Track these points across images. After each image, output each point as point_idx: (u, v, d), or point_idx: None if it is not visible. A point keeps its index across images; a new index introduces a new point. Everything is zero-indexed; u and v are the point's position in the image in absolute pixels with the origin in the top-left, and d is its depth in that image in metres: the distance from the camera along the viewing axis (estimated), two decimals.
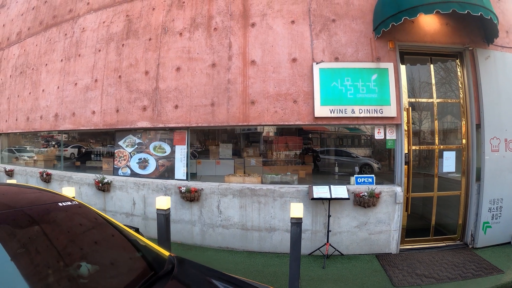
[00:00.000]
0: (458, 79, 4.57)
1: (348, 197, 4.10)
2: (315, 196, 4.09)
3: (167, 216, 3.12)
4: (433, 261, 3.98)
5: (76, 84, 5.80)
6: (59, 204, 1.95)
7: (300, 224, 2.94)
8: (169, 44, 4.98)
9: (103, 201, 5.38)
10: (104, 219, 2.13)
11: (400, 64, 4.37)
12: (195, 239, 4.69)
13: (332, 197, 4.06)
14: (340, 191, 4.16)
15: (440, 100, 4.63)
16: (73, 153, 8.39)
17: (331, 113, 4.24)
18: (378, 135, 4.46)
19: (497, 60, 4.30)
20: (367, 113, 4.23)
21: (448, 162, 4.41)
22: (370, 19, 4.35)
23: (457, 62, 4.58)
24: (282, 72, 4.41)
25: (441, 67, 4.87)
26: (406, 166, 4.38)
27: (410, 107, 4.48)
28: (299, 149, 7.19)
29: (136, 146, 5.39)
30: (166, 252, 2.09)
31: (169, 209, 3.17)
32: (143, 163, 5.29)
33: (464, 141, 4.49)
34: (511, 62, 4.36)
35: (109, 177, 5.33)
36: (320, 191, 4.16)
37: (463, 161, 4.48)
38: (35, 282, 1.38)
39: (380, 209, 4.25)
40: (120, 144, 5.50)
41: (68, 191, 3.76)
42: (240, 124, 4.53)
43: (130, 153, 5.42)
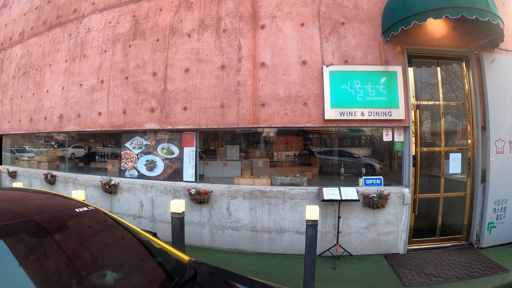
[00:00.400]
0: (464, 82, 4.66)
1: (358, 199, 4.17)
2: (326, 198, 4.14)
3: (182, 220, 3.13)
4: (440, 261, 4.06)
5: (82, 85, 5.76)
6: (76, 210, 1.93)
7: (316, 226, 2.99)
8: (177, 45, 4.97)
9: (110, 203, 5.36)
10: (121, 225, 2.11)
11: (408, 67, 4.45)
12: (204, 241, 4.70)
13: (343, 199, 4.12)
14: (350, 193, 4.21)
15: (446, 103, 4.72)
16: (74, 153, 8.30)
17: (341, 116, 4.29)
18: (387, 137, 4.52)
19: (502, 64, 4.40)
20: (376, 116, 4.29)
21: (454, 164, 4.50)
22: (379, 23, 4.40)
23: (463, 66, 4.67)
24: (292, 75, 4.44)
25: (447, 70, 4.96)
26: (414, 168, 4.45)
27: (418, 110, 4.56)
28: (300, 149, 7.17)
29: (143, 148, 5.38)
30: (186, 257, 2.09)
31: (184, 213, 3.18)
32: (151, 165, 5.28)
33: (470, 143, 4.59)
34: None
35: (116, 179, 5.31)
36: (330, 193, 4.21)
37: (469, 163, 4.57)
38: None
39: (389, 210, 4.32)
40: (127, 146, 5.48)
41: (78, 194, 3.74)
42: (250, 126, 4.56)
43: (137, 155, 5.40)
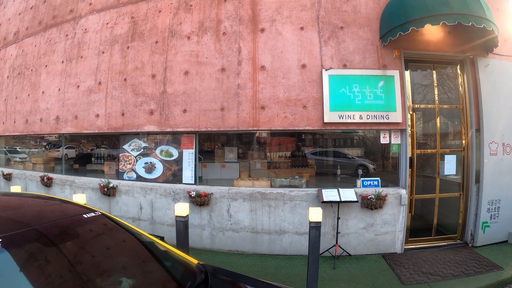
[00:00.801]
0: (459, 86, 4.79)
1: (357, 200, 4.25)
2: (325, 200, 4.20)
3: (186, 223, 3.16)
4: (437, 260, 4.17)
5: (79, 87, 5.71)
6: (84, 216, 1.93)
7: (319, 228, 3.05)
8: (177, 48, 4.97)
9: (108, 206, 5.34)
10: (129, 230, 2.12)
11: (405, 71, 4.54)
12: (204, 243, 4.73)
13: (342, 200, 4.19)
14: (349, 194, 4.29)
15: (442, 106, 4.84)
16: (66, 154, 8.20)
17: (340, 119, 4.36)
18: (384, 140, 4.61)
19: (496, 68, 4.54)
20: (374, 119, 4.37)
21: (449, 165, 4.62)
22: (377, 27, 4.48)
23: (458, 70, 4.80)
24: (292, 78, 4.49)
25: (443, 74, 5.08)
26: (410, 169, 4.56)
27: (414, 113, 4.66)
28: (295, 150, 7.16)
29: (142, 150, 5.36)
30: (194, 260, 2.12)
31: (188, 216, 3.21)
32: (150, 167, 5.28)
33: (464, 145, 4.72)
34: (509, 70, 4.61)
35: (115, 182, 5.28)
36: (330, 194, 4.28)
37: (463, 164, 4.70)
38: None
39: (386, 211, 4.41)
40: (125, 148, 5.45)
41: (79, 198, 3.73)
42: (251, 129, 4.60)
43: (136, 157, 5.39)
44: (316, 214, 3.00)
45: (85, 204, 2.61)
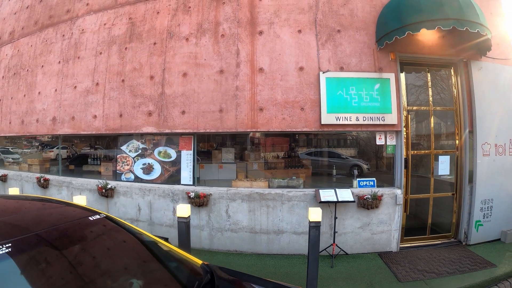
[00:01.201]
0: (453, 88, 4.90)
1: (354, 200, 4.33)
2: (323, 200, 4.27)
3: (188, 224, 3.19)
4: (432, 258, 4.27)
5: (76, 87, 5.68)
6: (90, 219, 1.94)
7: (319, 228, 3.11)
8: (175, 49, 4.99)
9: (106, 207, 5.34)
10: (134, 231, 2.13)
11: (400, 74, 4.63)
12: (203, 244, 4.76)
13: (339, 200, 4.27)
14: (346, 195, 4.36)
15: (436, 108, 4.94)
16: (60, 154, 8.14)
17: (337, 121, 4.43)
18: (379, 141, 4.69)
19: (489, 71, 4.65)
20: (370, 121, 4.46)
21: (443, 166, 4.72)
22: (373, 31, 4.56)
23: (452, 72, 4.90)
24: (290, 80, 4.55)
25: (437, 77, 5.19)
26: (405, 170, 4.65)
27: (409, 115, 4.76)
28: (289, 151, 7.20)
29: (140, 151, 5.37)
30: (198, 261, 2.16)
31: (189, 217, 3.24)
32: (148, 168, 5.29)
33: (458, 146, 4.83)
34: (501, 73, 4.73)
35: (113, 183, 5.29)
36: (327, 195, 4.36)
37: (457, 165, 4.81)
38: None
39: (382, 211, 4.50)
40: (123, 149, 5.45)
41: (80, 200, 3.74)
42: (249, 130, 4.64)
43: (134, 158, 5.39)
44: (316, 214, 3.06)
45: (89, 207, 2.62)
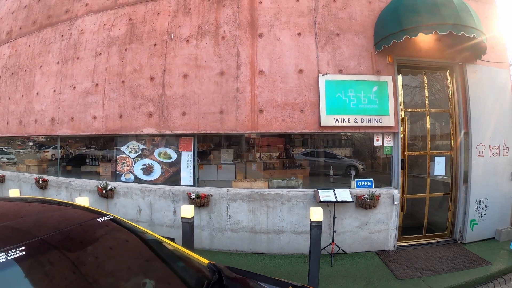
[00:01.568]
0: (448, 91, 5.01)
1: (353, 200, 4.41)
2: (322, 200, 4.35)
3: (191, 224, 3.25)
4: (428, 256, 4.38)
5: (75, 88, 5.68)
6: (98, 220, 1.94)
7: (320, 227, 3.19)
8: (176, 51, 5.01)
9: (106, 208, 5.35)
10: (141, 232, 2.15)
11: (397, 76, 4.72)
12: (204, 243, 4.81)
13: (338, 200, 4.35)
14: (344, 195, 4.45)
15: (432, 110, 5.05)
16: (54, 154, 8.09)
17: (336, 122, 4.51)
18: (377, 142, 4.79)
19: (484, 74, 4.77)
20: (368, 123, 4.54)
21: (439, 166, 4.84)
22: (371, 34, 4.65)
23: (448, 75, 5.02)
24: (289, 82, 4.61)
25: (433, 79, 5.30)
26: (402, 171, 4.75)
27: (406, 116, 4.86)
28: (287, 151, 7.26)
29: (140, 152, 5.39)
30: (205, 260, 2.21)
31: (193, 217, 3.29)
32: (148, 169, 5.31)
33: (453, 147, 4.95)
34: (496, 76, 4.86)
35: (113, 184, 5.30)
36: (326, 195, 4.44)
37: (452, 165, 4.93)
38: None
39: (379, 210, 4.60)
40: (123, 150, 5.47)
41: (82, 201, 3.75)
42: (249, 132, 4.71)
43: (134, 159, 5.41)
44: (318, 214, 3.14)
45: (94, 208, 2.64)
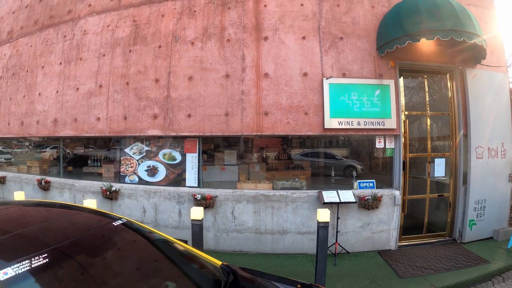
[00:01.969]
0: (448, 94, 5.13)
1: (356, 201, 4.51)
2: (326, 201, 4.44)
3: (201, 226, 3.30)
4: (429, 255, 4.51)
5: (78, 89, 5.67)
6: (114, 224, 1.96)
7: (327, 228, 3.28)
8: (181, 53, 5.05)
9: (110, 210, 5.36)
10: (155, 235, 2.18)
11: (399, 80, 4.83)
12: (209, 244, 4.86)
13: (341, 201, 4.44)
14: (347, 196, 4.54)
15: (433, 113, 5.18)
16: (52, 155, 8.05)
17: (339, 125, 4.60)
18: (379, 144, 4.90)
19: (483, 78, 4.91)
20: (371, 125, 4.64)
21: (439, 168, 4.97)
22: (374, 38, 4.74)
23: (448, 79, 5.14)
24: (294, 86, 4.68)
25: (434, 83, 5.42)
26: (403, 172, 4.86)
27: (407, 119, 4.97)
28: (288, 152, 7.32)
29: (144, 154, 5.42)
30: (218, 261, 2.27)
31: (203, 219, 3.35)
32: (152, 171, 5.34)
33: (453, 149, 5.08)
34: (494, 79, 5.00)
35: (117, 185, 5.32)
36: (330, 196, 4.53)
37: (452, 167, 5.06)
38: None
39: (381, 211, 4.71)
40: (127, 152, 5.49)
41: (90, 203, 3.78)
42: (254, 134, 4.76)
43: (138, 161, 5.44)
44: (325, 215, 3.22)
45: (106, 211, 2.66)
